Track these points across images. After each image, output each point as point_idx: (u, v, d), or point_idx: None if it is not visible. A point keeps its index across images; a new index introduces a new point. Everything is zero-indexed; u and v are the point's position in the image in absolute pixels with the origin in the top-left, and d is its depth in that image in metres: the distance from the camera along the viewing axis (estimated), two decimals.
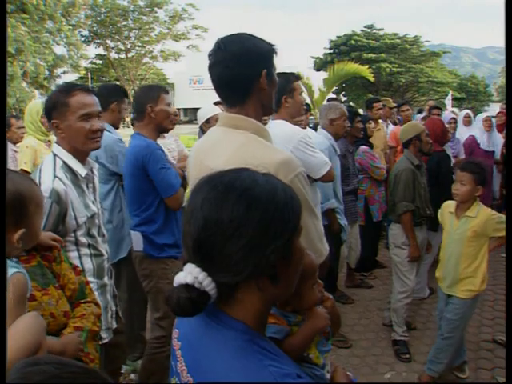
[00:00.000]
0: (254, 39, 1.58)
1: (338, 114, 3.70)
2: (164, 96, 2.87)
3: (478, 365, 3.65)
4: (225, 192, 0.91)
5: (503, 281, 5.33)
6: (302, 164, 2.83)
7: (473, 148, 6.31)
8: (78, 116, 2.04)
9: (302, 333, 1.28)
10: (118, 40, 34.05)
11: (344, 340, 3.91)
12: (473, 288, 3.12)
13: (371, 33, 32.30)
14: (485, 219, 3.06)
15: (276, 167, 1.43)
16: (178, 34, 34.61)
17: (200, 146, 1.78)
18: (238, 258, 0.88)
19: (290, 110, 2.96)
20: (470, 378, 3.48)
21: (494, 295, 5.00)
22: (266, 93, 1.58)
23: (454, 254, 3.16)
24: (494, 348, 3.90)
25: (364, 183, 4.83)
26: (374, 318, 4.38)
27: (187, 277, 0.90)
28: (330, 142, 3.62)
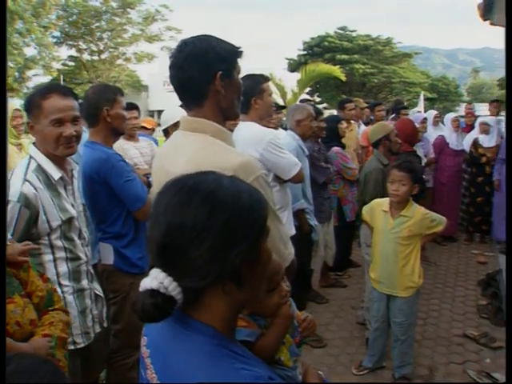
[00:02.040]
0: (214, 41, 1.56)
1: (305, 115, 3.71)
2: (120, 98, 2.70)
3: (450, 359, 3.73)
4: (189, 195, 0.90)
5: (474, 277, 5.46)
6: (272, 165, 2.88)
7: (442, 147, 6.45)
8: (50, 120, 2.00)
9: (271, 335, 1.29)
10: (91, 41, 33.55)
11: (318, 339, 3.93)
12: (413, 284, 3.19)
13: (344, 34, 32.59)
14: (420, 218, 3.13)
15: (234, 170, 1.41)
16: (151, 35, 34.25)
17: (162, 151, 1.77)
18: (203, 263, 0.87)
19: (260, 111, 2.95)
20: (442, 372, 3.55)
21: (465, 291, 5.11)
22: (223, 95, 1.56)
23: (391, 254, 3.18)
24: (464, 342, 3.98)
25: (336, 184, 4.86)
26: (347, 317, 4.42)
27: (152, 282, 0.89)
28: (298, 143, 3.63)
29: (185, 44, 1.54)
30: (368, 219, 3.40)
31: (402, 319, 3.24)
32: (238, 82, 1.63)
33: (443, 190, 6.58)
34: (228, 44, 1.59)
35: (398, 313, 3.24)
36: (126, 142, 3.70)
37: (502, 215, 6.20)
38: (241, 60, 1.63)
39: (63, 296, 2.03)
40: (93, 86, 2.96)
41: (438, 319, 4.41)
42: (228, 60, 1.56)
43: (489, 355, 3.77)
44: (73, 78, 34.40)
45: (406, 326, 3.25)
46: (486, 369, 3.53)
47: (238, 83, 1.64)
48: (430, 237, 3.39)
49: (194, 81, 1.53)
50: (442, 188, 6.58)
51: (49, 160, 2.06)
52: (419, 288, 3.30)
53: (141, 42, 34.53)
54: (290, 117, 3.78)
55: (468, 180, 6.75)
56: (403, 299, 3.21)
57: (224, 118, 1.63)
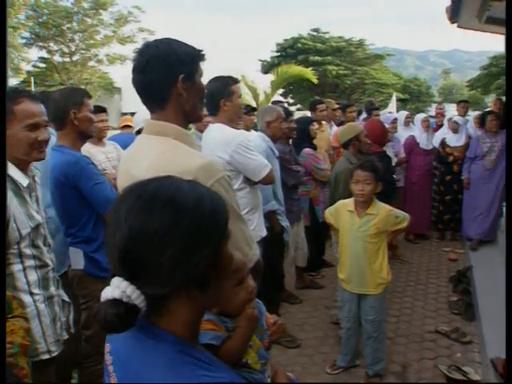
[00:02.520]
0: (176, 44, 1.56)
1: (274, 117, 3.72)
2: (87, 101, 2.68)
3: (422, 355, 3.78)
4: (149, 201, 0.89)
5: (445, 273, 5.56)
6: (241, 167, 2.88)
7: (412, 147, 6.55)
8: (25, 125, 1.97)
9: (236, 337, 1.29)
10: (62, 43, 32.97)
11: (292, 340, 3.95)
12: (382, 281, 3.25)
13: (317, 36, 32.78)
14: (385, 215, 3.19)
15: (196, 172, 1.41)
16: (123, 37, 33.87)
17: (127, 154, 1.76)
18: (166, 269, 0.86)
19: (229, 113, 2.96)
20: (414, 368, 3.60)
21: (437, 288, 5.20)
22: (185, 98, 1.56)
23: (360, 252, 3.22)
24: (436, 338, 4.05)
25: (308, 184, 4.89)
26: (322, 317, 4.44)
27: (114, 291, 0.88)
28: (268, 145, 3.64)
29: (146, 47, 1.54)
30: (332, 221, 3.43)
31: (373, 316, 3.29)
32: (200, 85, 1.63)
33: (414, 189, 6.68)
34: (190, 47, 1.59)
35: (370, 310, 3.29)
36: (93, 146, 3.66)
37: (472, 213, 6.35)
38: (203, 63, 1.63)
39: (35, 305, 2.00)
40: (60, 89, 2.92)
41: (410, 316, 4.47)
42: (190, 63, 1.56)
43: (460, 350, 3.85)
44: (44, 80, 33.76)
45: (377, 322, 3.31)
46: (456, 363, 3.59)
47: (201, 86, 1.64)
48: (395, 233, 3.45)
49: (156, 84, 1.53)
50: (413, 187, 6.68)
51: (15, 167, 2.02)
52: (387, 284, 3.36)
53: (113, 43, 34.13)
54: (260, 118, 3.79)
55: (437, 179, 6.87)
56: (374, 297, 3.26)
57: (187, 120, 1.64)
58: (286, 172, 4.12)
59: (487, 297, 4.69)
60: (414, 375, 3.52)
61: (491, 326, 4.05)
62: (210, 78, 3.07)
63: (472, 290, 4.96)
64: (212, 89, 2.98)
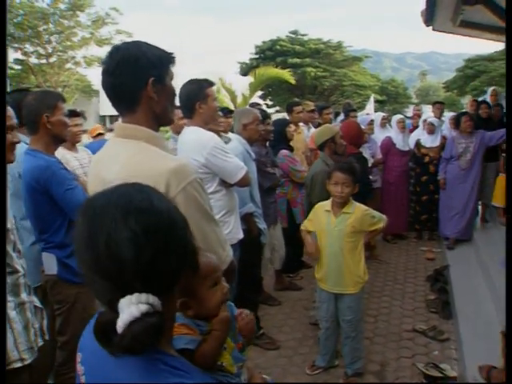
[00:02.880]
0: (146, 47, 1.55)
1: (251, 119, 3.71)
2: (61, 104, 2.65)
3: (400, 354, 3.82)
4: (122, 216, 0.87)
5: (423, 273, 5.63)
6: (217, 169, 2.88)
7: (389, 148, 6.62)
8: None
9: (211, 341, 1.29)
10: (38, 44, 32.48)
11: (271, 341, 3.96)
12: (360, 280, 3.29)
13: (296, 38, 32.88)
14: (361, 214, 3.24)
15: (167, 175, 1.43)
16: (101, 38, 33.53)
17: (97, 158, 1.75)
18: (141, 281, 0.85)
19: (204, 116, 2.96)
20: (393, 366, 3.64)
21: (414, 287, 5.25)
22: (156, 101, 1.56)
23: (336, 251, 3.26)
24: (414, 337, 4.09)
25: (285, 186, 4.90)
26: (300, 318, 4.46)
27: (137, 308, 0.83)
28: (245, 147, 3.64)
29: (116, 50, 1.53)
30: (310, 226, 3.46)
31: (351, 316, 3.32)
32: (171, 88, 1.62)
33: (391, 190, 6.74)
34: (160, 50, 1.59)
35: (347, 310, 3.31)
36: (68, 151, 3.62)
37: (448, 213, 6.45)
38: (174, 66, 1.63)
39: (6, 312, 1.96)
40: (33, 93, 2.88)
41: (388, 316, 4.51)
42: (160, 66, 1.56)
43: (437, 347, 3.90)
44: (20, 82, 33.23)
45: (355, 322, 3.34)
46: (434, 360, 3.63)
47: (171, 89, 1.63)
48: (372, 234, 3.48)
49: (126, 87, 1.52)
50: (390, 188, 6.74)
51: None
52: (364, 284, 3.39)
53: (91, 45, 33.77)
54: (237, 121, 3.78)
55: (413, 179, 6.96)
56: (351, 296, 3.29)
57: (158, 123, 1.63)
58: (262, 174, 4.12)
59: (463, 295, 4.77)
60: (393, 374, 3.55)
61: (467, 323, 4.12)
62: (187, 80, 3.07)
63: (449, 288, 5.03)
64: (187, 92, 2.98)
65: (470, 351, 3.59)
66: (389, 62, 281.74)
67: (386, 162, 6.70)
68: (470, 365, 3.35)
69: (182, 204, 1.44)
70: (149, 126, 1.57)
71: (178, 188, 1.44)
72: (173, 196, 1.43)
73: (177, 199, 1.43)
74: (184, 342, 1.22)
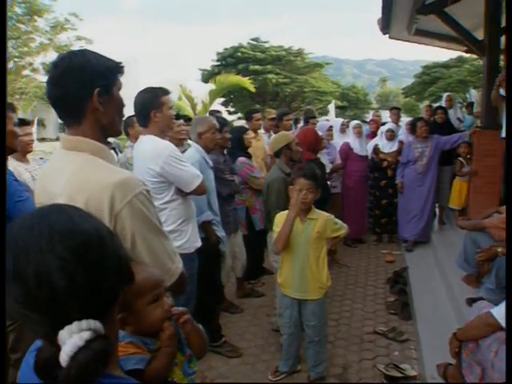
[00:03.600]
0: (92, 56, 1.52)
1: (206, 127, 3.70)
2: (11, 114, 2.59)
3: (362, 356, 3.86)
4: (47, 244, 0.82)
5: (383, 275, 5.71)
6: (173, 178, 2.86)
7: (347, 154, 6.72)
8: None
9: (161, 357, 1.27)
10: None
11: (234, 349, 3.94)
12: (322, 286, 3.32)
13: (257, 45, 33.01)
14: (324, 220, 3.28)
15: (113, 188, 1.40)
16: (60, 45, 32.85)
17: (43, 170, 1.71)
18: (78, 307, 0.82)
19: (160, 124, 2.93)
20: (355, 369, 3.68)
21: (374, 290, 5.32)
22: (102, 113, 1.52)
23: (302, 258, 3.27)
24: (375, 339, 4.14)
25: (244, 193, 4.91)
26: (262, 325, 4.45)
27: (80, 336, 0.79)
28: (202, 155, 3.62)
29: (61, 59, 1.49)
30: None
31: (315, 322, 3.34)
32: (118, 99, 1.59)
33: (351, 195, 6.83)
34: (107, 59, 1.55)
35: (311, 316, 3.33)
36: (19, 163, 3.53)
37: (406, 216, 6.59)
38: (122, 76, 1.60)
39: None
40: None
41: (350, 319, 4.56)
42: (107, 76, 1.52)
43: (397, 348, 3.96)
44: None
45: (319, 327, 3.36)
46: (394, 361, 3.69)
47: (119, 100, 1.60)
48: (334, 241, 3.51)
49: (71, 98, 1.48)
50: (350, 192, 6.83)
51: None
52: (327, 290, 3.42)
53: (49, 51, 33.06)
54: (193, 129, 3.76)
55: (372, 184, 7.07)
56: (315, 302, 3.31)
57: (105, 135, 1.60)
58: (221, 182, 4.12)
59: (422, 296, 4.88)
60: (355, 376, 3.59)
61: (426, 323, 4.21)
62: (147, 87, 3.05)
63: (408, 289, 5.13)
64: (142, 100, 2.96)
65: (429, 350, 3.67)
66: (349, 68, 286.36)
67: (344, 167, 6.80)
68: (429, 364, 3.43)
69: (127, 217, 1.43)
70: (95, 138, 1.53)
71: (123, 201, 1.41)
72: (118, 210, 1.41)
73: (122, 213, 1.42)
74: (133, 363, 1.20)
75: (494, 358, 2.66)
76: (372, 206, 7.12)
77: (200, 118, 3.89)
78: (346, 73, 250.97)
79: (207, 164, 3.65)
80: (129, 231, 1.45)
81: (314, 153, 4.61)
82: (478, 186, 5.93)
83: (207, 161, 3.67)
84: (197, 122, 3.78)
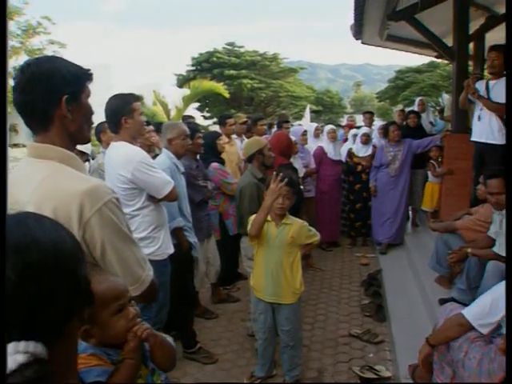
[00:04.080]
0: (60, 62, 1.50)
1: (176, 134, 3.68)
2: None
3: (337, 359, 3.88)
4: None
5: (357, 278, 5.75)
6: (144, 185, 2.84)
7: (321, 158, 6.77)
8: None
9: (124, 369, 1.25)
10: None
11: (209, 356, 3.91)
12: (296, 291, 3.32)
13: (232, 50, 33.03)
14: (299, 226, 3.29)
15: (81, 197, 1.39)
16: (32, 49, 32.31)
17: (11, 178, 1.68)
18: (19, 328, 0.76)
19: (131, 130, 2.91)
20: (330, 372, 3.69)
21: (349, 293, 5.35)
22: (70, 120, 1.50)
23: (276, 262, 3.26)
24: (350, 341, 4.16)
25: (217, 199, 4.91)
26: (238, 330, 4.44)
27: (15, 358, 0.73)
28: (172, 161, 3.60)
29: (28, 65, 1.46)
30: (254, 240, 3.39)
31: (289, 326, 3.33)
32: (86, 106, 1.57)
33: (325, 199, 6.87)
34: (76, 66, 1.54)
35: (285, 321, 3.33)
36: None
37: (380, 219, 6.67)
38: (91, 83, 1.59)
39: None
40: None
41: (325, 322, 4.57)
42: (75, 83, 1.50)
43: (372, 350, 3.99)
44: None
45: (293, 332, 3.36)
46: (369, 363, 3.72)
47: (87, 107, 1.58)
48: (307, 248, 3.51)
49: (38, 105, 1.45)
50: (324, 196, 6.87)
51: None
52: (301, 294, 3.42)
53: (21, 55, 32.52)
54: (163, 135, 3.75)
55: (347, 188, 7.13)
56: (289, 307, 3.30)
57: (73, 142, 1.58)
58: (193, 188, 4.10)
59: (395, 297, 4.94)
60: (330, 379, 3.60)
61: (400, 324, 4.26)
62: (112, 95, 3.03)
63: (382, 292, 5.19)
64: (113, 107, 2.93)
65: (403, 351, 3.72)
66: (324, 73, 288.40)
67: (318, 171, 6.83)
68: (403, 364, 3.47)
69: (97, 226, 1.42)
70: (63, 146, 1.51)
71: (92, 210, 1.40)
72: (87, 218, 1.40)
73: (91, 221, 1.41)
74: (95, 375, 1.18)
75: (464, 357, 2.71)
76: (347, 210, 7.17)
77: (169, 125, 3.85)
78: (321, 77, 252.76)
79: (178, 170, 3.63)
80: (98, 240, 1.44)
81: (286, 157, 4.62)
82: (449, 189, 6.05)
83: (178, 167, 3.65)
84: (166, 128, 3.75)
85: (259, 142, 4.03)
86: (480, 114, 4.88)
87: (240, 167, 5.68)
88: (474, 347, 2.70)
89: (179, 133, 3.68)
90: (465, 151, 5.71)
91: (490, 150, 4.83)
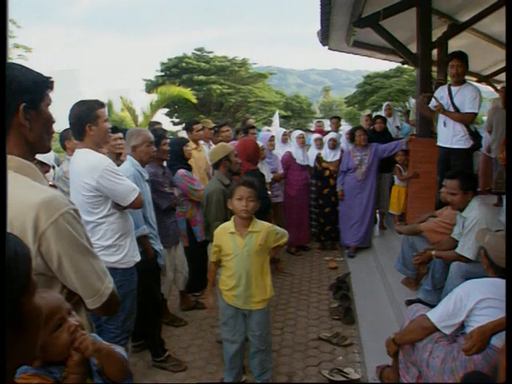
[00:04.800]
0: (18, 70, 1.46)
1: (140, 141, 3.65)
2: None
3: (307, 363, 3.89)
4: None
5: (326, 282, 5.79)
6: (109, 192, 2.81)
7: (289, 163, 6.80)
8: None
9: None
10: None
11: (178, 364, 3.87)
12: (265, 297, 3.28)
13: (201, 55, 33.01)
14: (266, 231, 3.22)
15: (37, 208, 1.36)
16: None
17: None
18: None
19: (95, 137, 2.87)
20: (300, 376, 3.71)
21: (318, 296, 5.38)
22: (28, 128, 1.47)
23: (245, 270, 3.20)
24: (319, 345, 4.19)
25: (185, 205, 4.88)
26: (207, 337, 4.42)
27: None
28: (137, 168, 3.57)
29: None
30: (220, 246, 3.32)
31: (260, 331, 3.31)
32: (46, 115, 1.54)
33: (293, 204, 6.89)
34: (36, 74, 1.50)
35: (256, 326, 3.29)
36: None
37: (348, 223, 6.75)
38: (51, 91, 1.55)
39: None
40: None
41: (294, 327, 4.59)
42: (34, 91, 1.47)
43: (341, 353, 4.02)
44: None
45: (264, 336, 3.34)
46: (338, 366, 3.75)
47: (47, 115, 1.54)
48: (276, 249, 3.49)
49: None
50: (292, 201, 6.89)
51: None
52: (271, 299, 3.42)
53: None
54: (127, 142, 3.71)
55: (315, 193, 7.17)
56: (259, 312, 3.27)
57: (32, 152, 1.54)
58: (159, 195, 4.07)
59: (364, 300, 5.00)
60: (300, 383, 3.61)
61: (368, 327, 4.32)
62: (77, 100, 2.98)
63: (350, 295, 5.24)
64: (77, 113, 2.89)
65: (371, 353, 3.77)
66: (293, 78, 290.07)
67: (287, 176, 6.87)
68: (371, 366, 3.53)
69: (53, 238, 1.39)
70: (20, 155, 1.47)
71: (48, 221, 1.37)
72: (43, 230, 1.38)
73: (47, 233, 1.38)
74: None
75: (428, 357, 2.77)
76: (316, 214, 7.22)
77: (133, 132, 3.79)
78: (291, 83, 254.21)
79: (142, 177, 3.60)
80: (54, 252, 1.41)
81: (253, 163, 4.63)
82: (415, 192, 6.17)
83: (142, 174, 3.61)
84: (130, 135, 3.71)
85: (225, 148, 4.02)
86: (445, 120, 5.04)
87: (208, 173, 5.66)
88: (438, 347, 2.76)
89: (144, 140, 3.65)
90: (429, 155, 5.85)
91: (454, 154, 4.98)
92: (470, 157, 5.15)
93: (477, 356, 2.53)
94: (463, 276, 3.36)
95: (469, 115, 4.86)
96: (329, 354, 4.04)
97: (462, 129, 4.90)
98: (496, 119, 7.13)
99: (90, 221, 2.91)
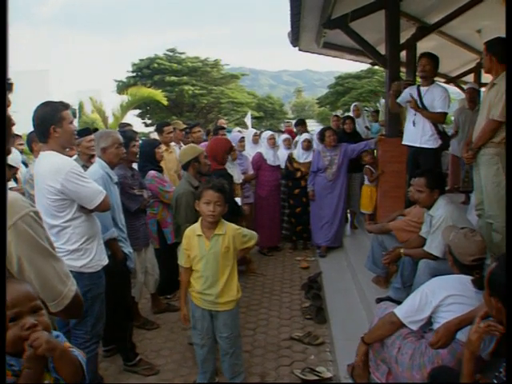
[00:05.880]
0: None
1: (110, 142, 3.60)
2: None
3: (279, 363, 3.90)
4: None
5: (298, 282, 5.81)
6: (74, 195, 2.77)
7: (260, 164, 6.81)
8: None
9: (22, 379, 1.21)
10: None
11: (150, 367, 3.83)
12: (233, 298, 3.27)
13: (173, 56, 32.82)
14: (232, 234, 3.21)
15: None
16: None
17: None
18: None
19: (60, 139, 2.84)
20: (273, 376, 3.71)
21: (290, 296, 5.40)
22: None
23: (212, 275, 3.20)
24: (291, 345, 4.20)
25: (155, 207, 4.84)
26: (179, 340, 4.38)
27: None
28: (105, 171, 3.52)
29: None
30: (188, 261, 3.31)
31: (228, 333, 3.29)
32: None
33: (264, 204, 6.90)
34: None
35: (223, 327, 3.29)
36: None
37: (319, 223, 6.80)
38: (11, 93, 1.53)
39: None
40: None
41: (266, 327, 4.59)
42: None
43: (313, 352, 4.04)
44: None
45: (232, 338, 3.32)
46: (311, 365, 3.77)
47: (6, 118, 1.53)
48: (244, 251, 3.49)
49: None
50: (263, 202, 6.89)
51: None
52: (240, 300, 3.42)
53: None
54: (96, 144, 3.66)
55: (286, 193, 7.19)
56: (226, 313, 3.26)
57: None
58: (128, 197, 4.02)
59: (335, 299, 5.04)
60: None
61: (339, 325, 4.36)
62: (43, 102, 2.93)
63: (322, 294, 5.28)
64: (41, 115, 2.84)
65: (343, 351, 3.80)
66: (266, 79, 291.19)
67: (257, 177, 6.88)
68: (343, 364, 3.55)
69: (12, 241, 1.36)
70: None
71: (8, 223, 1.35)
72: None
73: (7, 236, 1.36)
74: None
75: (397, 353, 2.82)
76: (287, 215, 7.25)
77: (102, 133, 3.75)
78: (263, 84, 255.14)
79: (111, 180, 3.55)
80: (14, 255, 1.39)
81: (220, 164, 4.62)
82: (385, 191, 6.26)
83: (111, 176, 3.56)
84: (99, 137, 3.66)
85: (195, 150, 4.00)
86: (414, 120, 5.11)
87: (179, 174, 5.63)
88: (406, 343, 2.81)
89: (113, 141, 3.60)
90: (398, 154, 5.93)
91: (423, 153, 5.07)
92: (438, 156, 5.25)
93: (443, 351, 2.59)
94: (431, 273, 3.41)
95: (441, 114, 4.95)
96: (301, 353, 4.05)
97: (431, 128, 4.99)
98: (462, 119, 7.31)
99: (55, 224, 2.86)
